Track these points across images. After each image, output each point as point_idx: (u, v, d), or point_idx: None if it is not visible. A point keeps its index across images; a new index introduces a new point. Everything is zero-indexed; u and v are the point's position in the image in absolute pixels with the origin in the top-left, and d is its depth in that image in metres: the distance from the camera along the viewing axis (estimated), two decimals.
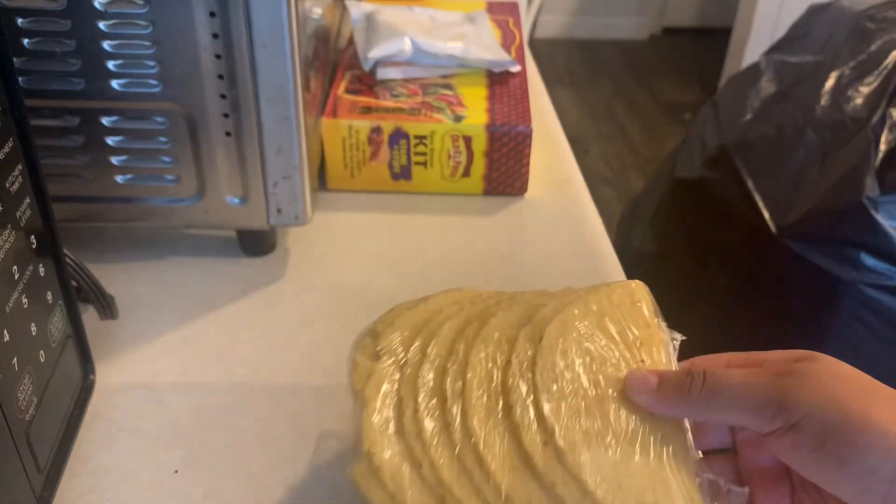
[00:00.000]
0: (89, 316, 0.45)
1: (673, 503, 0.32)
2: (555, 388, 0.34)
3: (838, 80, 1.22)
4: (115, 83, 0.46)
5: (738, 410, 0.32)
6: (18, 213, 0.35)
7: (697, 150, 1.39)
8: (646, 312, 0.38)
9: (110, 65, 0.46)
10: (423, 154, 0.62)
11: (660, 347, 0.37)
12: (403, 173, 0.63)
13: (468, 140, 0.61)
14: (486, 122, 0.61)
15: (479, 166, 0.62)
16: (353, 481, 0.33)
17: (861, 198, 1.07)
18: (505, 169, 0.62)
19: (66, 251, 0.40)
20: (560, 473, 0.32)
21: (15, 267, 0.34)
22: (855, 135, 1.13)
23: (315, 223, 0.54)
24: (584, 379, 0.35)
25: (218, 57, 0.45)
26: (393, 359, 0.36)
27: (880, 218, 1.06)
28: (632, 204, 1.66)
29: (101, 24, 0.44)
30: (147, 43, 0.45)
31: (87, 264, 0.44)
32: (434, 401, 0.34)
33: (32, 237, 0.36)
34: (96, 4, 0.44)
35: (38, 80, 0.46)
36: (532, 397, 0.34)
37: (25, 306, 0.35)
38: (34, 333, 0.36)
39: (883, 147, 1.10)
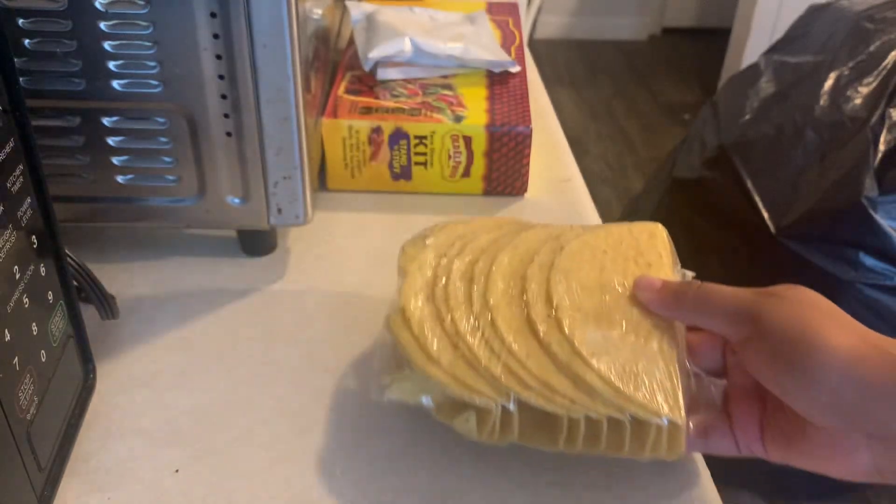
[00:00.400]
0: (90, 316, 0.45)
1: (657, 373, 0.37)
2: (566, 280, 0.41)
3: (837, 80, 1.22)
4: (115, 83, 0.46)
5: (720, 316, 0.37)
6: (19, 213, 0.35)
7: (697, 150, 1.39)
8: (660, 246, 0.44)
9: (111, 65, 0.46)
10: (423, 154, 0.62)
11: (669, 273, 0.42)
12: (403, 173, 0.63)
13: (468, 140, 0.61)
14: (486, 122, 0.61)
15: (479, 166, 0.63)
16: (389, 327, 0.40)
17: (860, 198, 1.07)
18: (505, 169, 0.63)
19: (66, 251, 0.41)
20: (556, 337, 0.38)
21: (16, 267, 0.34)
22: (854, 135, 1.13)
23: (315, 223, 0.54)
24: (593, 280, 0.41)
25: (218, 57, 0.45)
26: (435, 252, 0.44)
27: (879, 218, 1.06)
28: (631, 204, 1.67)
29: (102, 25, 0.44)
30: (148, 43, 0.45)
31: (87, 264, 0.44)
32: (461, 282, 0.41)
33: (33, 237, 0.36)
34: (97, 5, 0.44)
35: (38, 80, 0.46)
36: (545, 285, 0.41)
37: (26, 306, 0.35)
38: (35, 333, 0.36)
39: (882, 147, 1.10)
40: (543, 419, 0.38)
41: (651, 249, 0.44)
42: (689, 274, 0.43)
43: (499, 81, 0.68)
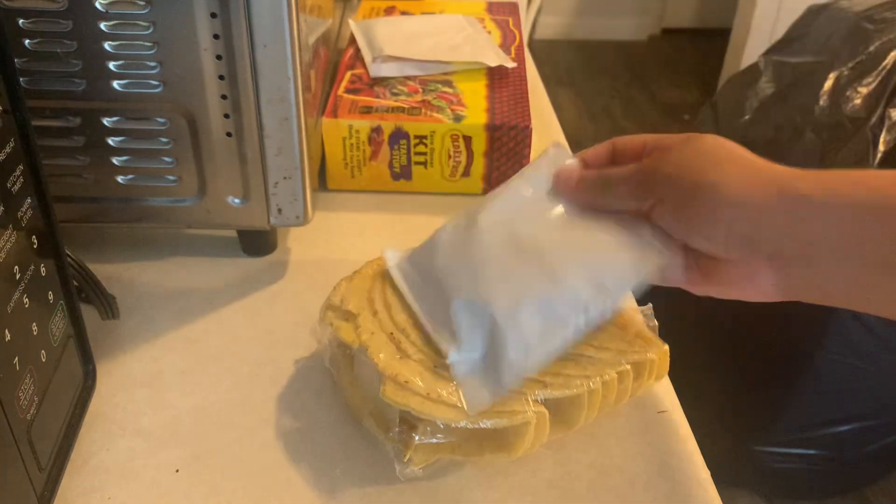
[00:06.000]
0: (90, 316, 0.45)
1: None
2: None
3: (837, 80, 1.22)
4: (116, 84, 0.46)
5: (626, 196, 0.39)
6: (20, 214, 0.35)
7: None
8: None
9: (111, 65, 0.46)
10: (423, 154, 0.62)
11: None
12: (403, 173, 0.63)
13: (468, 140, 0.61)
14: (486, 121, 0.61)
15: (478, 166, 0.63)
16: (388, 399, 0.38)
17: None
18: (505, 169, 0.63)
19: (67, 251, 0.41)
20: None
21: (16, 267, 0.34)
22: (853, 135, 1.13)
23: (315, 223, 0.54)
24: None
25: (219, 58, 0.45)
26: (363, 312, 0.43)
27: None
28: None
29: (103, 25, 0.44)
30: (148, 44, 0.45)
31: (88, 264, 0.44)
32: (412, 330, 0.42)
33: (34, 237, 0.36)
34: (97, 5, 0.44)
35: (39, 80, 0.46)
36: None
37: (27, 306, 0.35)
38: (35, 333, 0.36)
39: (881, 148, 1.10)
40: (559, 407, 0.40)
41: None
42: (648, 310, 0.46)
43: (499, 81, 0.68)
